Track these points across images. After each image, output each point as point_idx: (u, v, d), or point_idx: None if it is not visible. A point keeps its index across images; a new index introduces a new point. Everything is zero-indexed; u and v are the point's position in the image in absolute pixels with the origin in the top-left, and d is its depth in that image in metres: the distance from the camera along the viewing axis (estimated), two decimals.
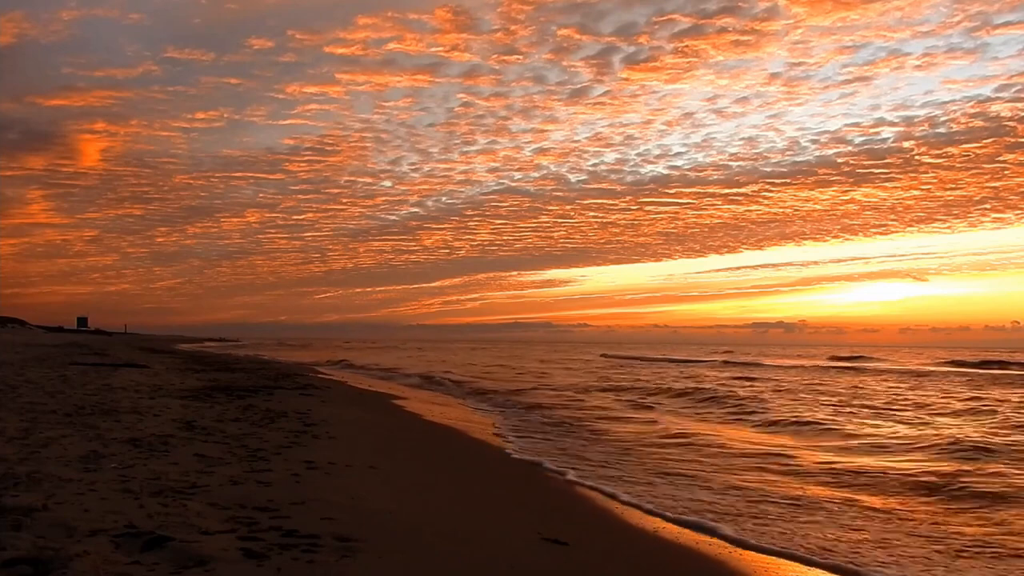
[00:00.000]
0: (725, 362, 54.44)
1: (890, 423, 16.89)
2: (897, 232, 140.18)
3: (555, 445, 12.98)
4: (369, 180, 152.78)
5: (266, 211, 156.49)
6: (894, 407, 20.66)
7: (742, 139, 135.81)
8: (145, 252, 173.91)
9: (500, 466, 10.84)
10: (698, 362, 55.02)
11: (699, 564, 6.19)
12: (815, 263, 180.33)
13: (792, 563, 6.29)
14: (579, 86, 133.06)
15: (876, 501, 8.82)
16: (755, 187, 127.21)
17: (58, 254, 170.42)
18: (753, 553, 6.51)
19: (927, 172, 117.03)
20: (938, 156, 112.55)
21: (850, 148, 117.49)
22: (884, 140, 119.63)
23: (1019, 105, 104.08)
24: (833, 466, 11.08)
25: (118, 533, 4.75)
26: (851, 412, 19.19)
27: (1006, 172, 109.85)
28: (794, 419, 17.14)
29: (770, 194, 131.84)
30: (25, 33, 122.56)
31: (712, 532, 7.13)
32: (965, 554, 6.70)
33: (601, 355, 73.67)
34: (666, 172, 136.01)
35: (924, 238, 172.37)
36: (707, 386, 27.39)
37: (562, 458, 11.42)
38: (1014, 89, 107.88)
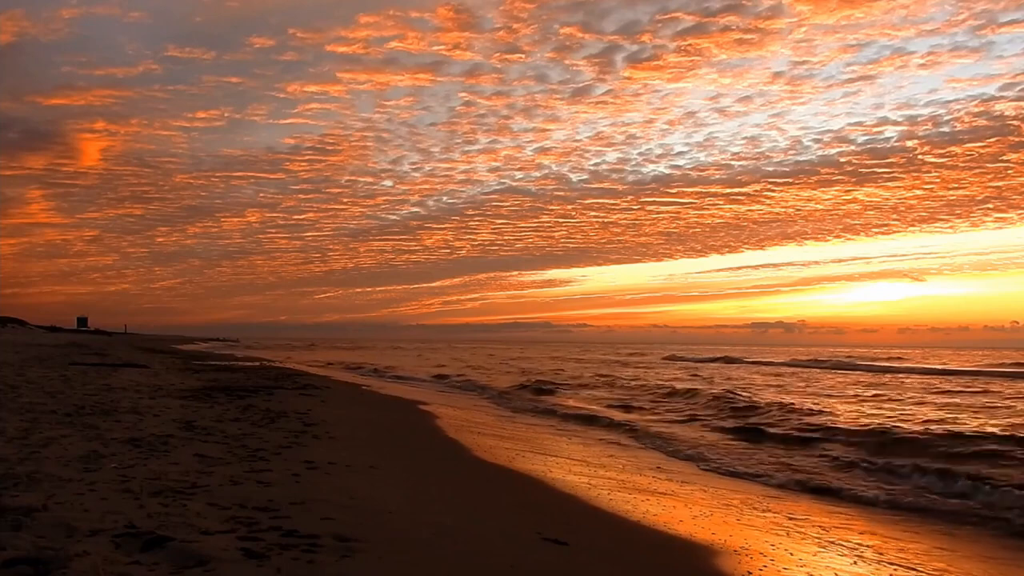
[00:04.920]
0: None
1: None
2: (899, 232, 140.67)
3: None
4: (370, 180, 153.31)
5: (266, 211, 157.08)
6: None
7: (744, 138, 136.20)
8: (145, 252, 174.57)
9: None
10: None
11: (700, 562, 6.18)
12: (816, 263, 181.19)
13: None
14: (581, 85, 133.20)
15: None
16: (757, 187, 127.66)
17: (58, 254, 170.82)
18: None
19: (930, 172, 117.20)
20: (941, 155, 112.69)
21: (853, 147, 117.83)
22: (887, 139, 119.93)
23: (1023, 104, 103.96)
24: None
25: (118, 533, 4.75)
26: None
27: (1009, 171, 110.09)
28: None
29: (772, 194, 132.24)
30: (25, 32, 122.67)
31: None
32: None
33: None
34: (668, 171, 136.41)
35: (926, 238, 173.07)
36: None
37: None
38: (1019, 88, 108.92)
